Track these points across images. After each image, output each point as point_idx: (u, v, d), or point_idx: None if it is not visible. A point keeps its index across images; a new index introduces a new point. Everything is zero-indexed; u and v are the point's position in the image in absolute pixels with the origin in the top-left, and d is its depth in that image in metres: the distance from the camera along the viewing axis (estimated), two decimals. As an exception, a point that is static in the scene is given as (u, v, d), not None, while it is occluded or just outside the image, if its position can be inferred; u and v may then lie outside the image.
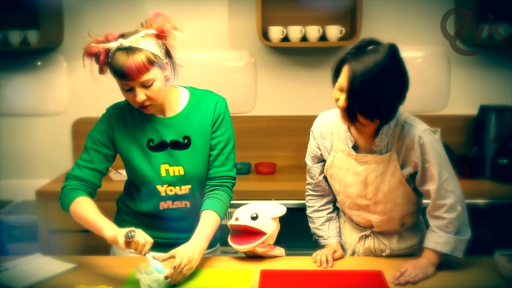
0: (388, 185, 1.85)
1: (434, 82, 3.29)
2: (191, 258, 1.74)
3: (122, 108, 1.94)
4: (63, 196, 1.88)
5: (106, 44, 1.79)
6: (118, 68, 1.75)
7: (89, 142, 1.93)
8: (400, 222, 1.94)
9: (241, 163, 3.23)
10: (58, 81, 3.39)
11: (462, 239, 1.81)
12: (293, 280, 1.77)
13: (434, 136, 1.81)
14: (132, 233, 1.68)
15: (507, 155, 3.01)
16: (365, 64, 1.65)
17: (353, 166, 1.88)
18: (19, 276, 1.78)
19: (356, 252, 2.01)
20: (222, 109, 1.97)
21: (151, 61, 1.77)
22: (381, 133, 1.81)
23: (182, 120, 1.93)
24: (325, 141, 1.95)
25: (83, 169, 1.90)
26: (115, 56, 1.76)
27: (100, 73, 1.84)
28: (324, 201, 2.04)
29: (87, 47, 1.82)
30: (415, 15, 3.27)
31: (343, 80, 1.71)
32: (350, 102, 1.69)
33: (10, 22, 3.20)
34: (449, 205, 1.79)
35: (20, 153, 3.43)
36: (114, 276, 1.79)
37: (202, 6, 3.27)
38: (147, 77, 1.77)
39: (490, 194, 2.87)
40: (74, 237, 2.87)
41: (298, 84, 3.36)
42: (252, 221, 1.87)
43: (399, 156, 1.82)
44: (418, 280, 1.75)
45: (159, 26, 1.81)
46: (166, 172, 1.91)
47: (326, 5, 3.25)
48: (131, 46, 1.76)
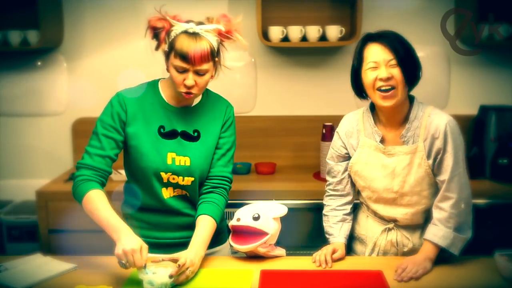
0: (414, 176, 1.88)
1: (434, 82, 3.29)
2: (193, 262, 1.77)
3: (136, 91, 1.95)
4: (75, 187, 1.85)
5: (177, 21, 1.84)
6: (184, 49, 1.79)
7: (99, 127, 1.90)
8: (424, 216, 1.96)
9: (241, 163, 3.23)
10: (58, 81, 3.38)
11: (461, 237, 1.84)
12: (293, 280, 1.77)
13: (458, 130, 1.88)
14: (124, 263, 1.68)
15: (507, 155, 3.01)
16: (388, 34, 1.87)
17: (381, 160, 1.92)
18: (19, 276, 1.78)
19: (377, 246, 2.01)
20: (231, 114, 2.03)
21: (213, 53, 1.84)
22: (408, 123, 1.88)
23: (194, 113, 1.96)
24: (351, 139, 2.00)
25: (94, 157, 1.87)
26: (181, 38, 1.81)
27: (156, 49, 1.88)
28: (342, 201, 2.07)
29: (153, 19, 1.85)
30: (415, 15, 3.27)
31: (380, 55, 1.83)
32: (404, 70, 1.83)
33: (10, 22, 3.20)
34: (455, 200, 1.84)
35: (20, 153, 3.43)
36: (114, 276, 1.79)
37: (202, 6, 3.27)
38: (205, 66, 1.83)
39: (490, 194, 2.87)
40: (74, 237, 2.87)
41: (298, 84, 3.36)
42: (254, 221, 1.87)
43: (425, 146, 1.86)
44: (419, 275, 1.78)
45: (227, 26, 1.88)
46: (173, 160, 1.91)
47: (326, 5, 3.25)
48: (199, 33, 1.82)
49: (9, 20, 3.22)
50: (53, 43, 3.31)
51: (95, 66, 3.37)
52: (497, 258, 1.79)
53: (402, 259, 1.86)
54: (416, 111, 1.89)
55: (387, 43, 1.84)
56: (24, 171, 3.43)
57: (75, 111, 3.38)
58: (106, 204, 1.81)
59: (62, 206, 2.86)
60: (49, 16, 3.19)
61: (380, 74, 1.83)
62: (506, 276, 1.75)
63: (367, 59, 1.86)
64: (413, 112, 1.89)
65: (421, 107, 1.90)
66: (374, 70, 1.84)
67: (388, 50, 1.83)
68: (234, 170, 3.15)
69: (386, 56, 1.83)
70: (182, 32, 1.83)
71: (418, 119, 1.88)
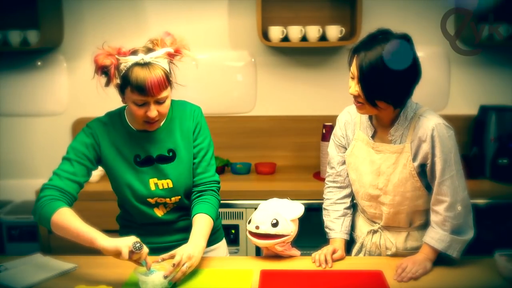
0: (398, 176, 1.87)
1: (434, 82, 3.29)
2: (191, 255, 1.75)
3: (106, 124, 1.93)
4: (41, 207, 1.77)
5: (125, 57, 1.77)
6: (140, 82, 1.74)
7: (72, 153, 1.88)
8: (408, 219, 1.95)
9: (241, 163, 3.23)
10: (58, 81, 3.39)
11: (459, 239, 1.83)
12: (293, 280, 1.77)
13: (448, 132, 1.84)
14: (138, 244, 1.65)
15: (507, 155, 3.01)
16: (373, 51, 1.74)
17: (370, 155, 1.92)
18: (19, 276, 1.79)
19: (364, 246, 2.02)
20: (199, 117, 1.99)
21: (168, 78, 1.80)
22: (396, 123, 1.87)
23: (165, 133, 1.94)
24: (348, 130, 2.01)
25: (64, 180, 1.83)
26: (135, 71, 1.75)
27: (106, 85, 1.82)
28: (342, 194, 2.07)
29: (99, 59, 1.78)
30: (415, 15, 3.27)
31: (353, 68, 1.79)
32: (362, 88, 1.77)
33: (10, 22, 3.21)
34: (448, 204, 1.82)
35: (20, 153, 3.43)
36: (114, 276, 1.79)
37: (202, 6, 3.27)
38: (165, 94, 1.79)
39: (490, 194, 2.87)
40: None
41: (298, 84, 3.36)
42: (273, 228, 1.86)
43: (412, 147, 1.85)
44: (419, 275, 1.78)
45: (175, 46, 1.82)
46: (155, 186, 1.92)
47: (326, 5, 3.25)
48: (151, 62, 1.76)
49: (9, 20, 3.22)
50: (53, 43, 3.31)
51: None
52: (497, 258, 1.79)
53: (402, 259, 1.86)
54: (407, 112, 1.87)
55: (359, 57, 1.77)
56: (24, 171, 3.43)
57: (75, 111, 3.38)
58: (80, 220, 1.74)
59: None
60: (49, 16, 3.19)
61: (350, 89, 1.83)
62: (506, 276, 1.75)
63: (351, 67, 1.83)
64: (404, 113, 1.87)
65: (414, 108, 1.88)
66: (351, 81, 1.83)
67: (356, 65, 1.79)
68: (234, 170, 3.19)
69: (354, 72, 1.80)
70: (133, 64, 1.75)
71: (408, 119, 1.87)
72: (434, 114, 1.88)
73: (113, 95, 1.97)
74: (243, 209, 2.86)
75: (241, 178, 3.14)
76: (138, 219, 1.98)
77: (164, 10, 3.27)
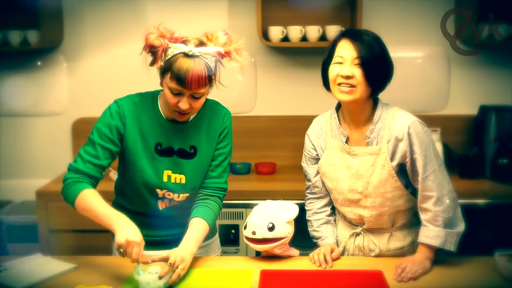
0: (378, 177, 1.87)
1: (434, 82, 3.29)
2: (184, 258, 1.75)
3: (136, 104, 1.91)
4: (66, 189, 1.83)
5: (175, 43, 1.76)
6: (182, 73, 1.73)
7: (96, 135, 1.87)
8: (390, 219, 1.95)
9: (241, 163, 3.23)
10: (58, 81, 3.39)
11: (452, 232, 1.84)
12: (293, 280, 1.77)
13: (423, 128, 1.86)
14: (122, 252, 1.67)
15: (507, 155, 3.01)
16: (368, 35, 1.84)
17: (346, 160, 1.92)
18: (19, 276, 1.78)
19: (347, 250, 2.02)
20: (228, 122, 2.00)
21: (210, 77, 1.79)
22: (372, 125, 1.87)
23: (192, 129, 1.93)
24: (319, 140, 2.00)
25: (87, 164, 1.85)
26: (179, 60, 1.74)
27: (151, 65, 1.82)
28: (322, 203, 2.07)
29: (150, 37, 1.77)
30: (415, 15, 3.27)
31: (346, 51, 1.82)
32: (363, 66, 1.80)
33: (10, 22, 3.20)
34: (436, 198, 1.83)
35: (20, 153, 3.43)
36: (114, 276, 1.79)
37: (202, 6, 3.27)
38: (202, 90, 1.79)
39: (490, 194, 2.87)
40: (74, 237, 2.87)
41: (298, 84, 3.36)
42: (270, 232, 1.86)
43: (389, 147, 1.86)
44: (418, 275, 1.78)
45: (227, 48, 1.83)
46: (168, 178, 1.91)
47: (326, 5, 3.25)
48: (198, 56, 1.76)
49: (9, 20, 3.22)
50: (53, 43, 3.31)
51: (95, 66, 3.37)
52: (497, 258, 1.79)
53: (402, 259, 1.86)
54: (380, 112, 1.88)
55: (357, 41, 1.82)
56: (24, 171, 3.43)
57: (75, 111, 3.38)
58: (102, 200, 1.80)
59: (62, 206, 2.82)
60: (49, 16, 3.19)
61: (342, 71, 1.82)
62: (506, 276, 1.75)
63: (336, 53, 1.85)
64: (376, 113, 1.88)
65: (385, 109, 1.89)
66: (339, 66, 1.84)
67: (355, 48, 1.81)
68: (234, 170, 3.19)
69: (352, 54, 1.81)
70: (180, 53, 1.75)
71: (382, 120, 1.87)
72: (406, 113, 1.89)
73: (113, 95, 1.97)
74: (243, 209, 2.86)
75: (241, 178, 3.14)
76: (137, 207, 1.96)
77: (164, 10, 3.26)
